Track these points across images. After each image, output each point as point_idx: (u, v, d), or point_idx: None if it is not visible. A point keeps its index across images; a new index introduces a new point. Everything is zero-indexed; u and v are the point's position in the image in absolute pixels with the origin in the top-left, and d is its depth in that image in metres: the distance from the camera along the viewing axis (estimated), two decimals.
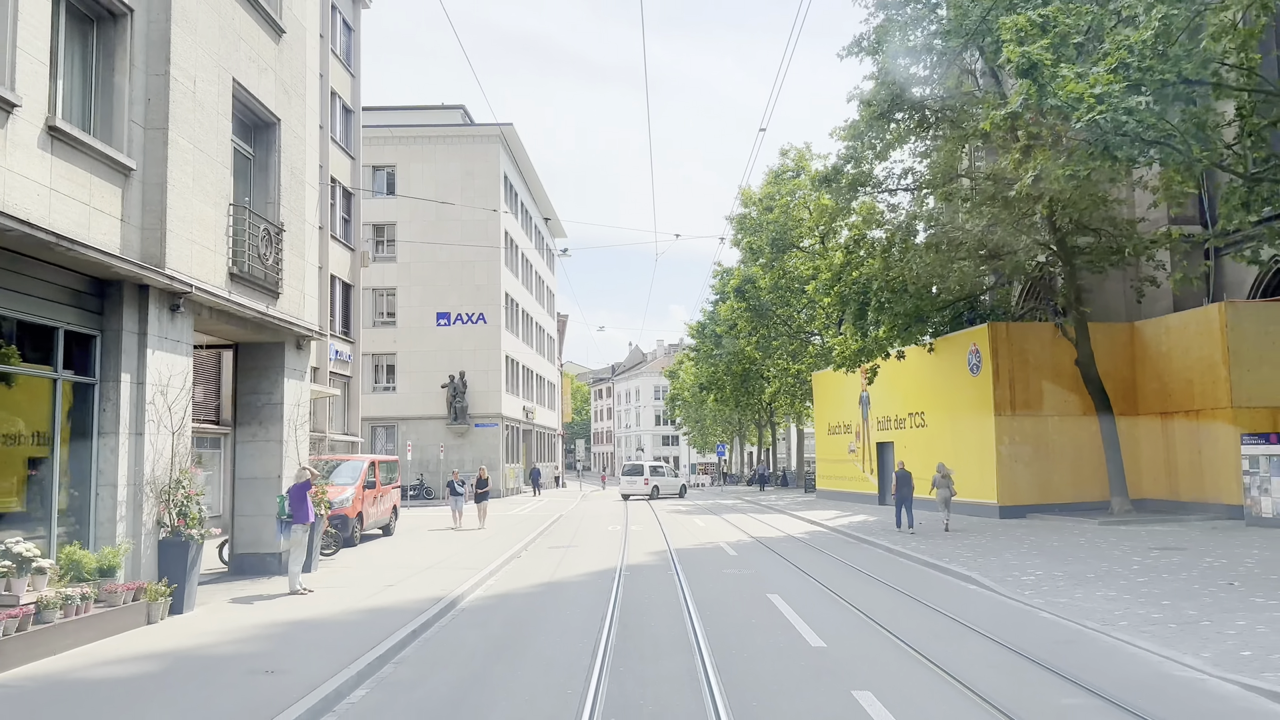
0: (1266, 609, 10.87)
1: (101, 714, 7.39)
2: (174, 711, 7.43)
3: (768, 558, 18.30)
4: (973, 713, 7.25)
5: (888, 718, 7.02)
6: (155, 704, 7.67)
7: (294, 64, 15.74)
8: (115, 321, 11.14)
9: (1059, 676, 8.25)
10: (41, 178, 9.74)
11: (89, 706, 7.56)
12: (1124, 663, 8.83)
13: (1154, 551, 16.56)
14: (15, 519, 10.05)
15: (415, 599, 12.72)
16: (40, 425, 10.43)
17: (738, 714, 7.16)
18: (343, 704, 7.89)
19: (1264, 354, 22.19)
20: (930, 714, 7.25)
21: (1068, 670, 8.42)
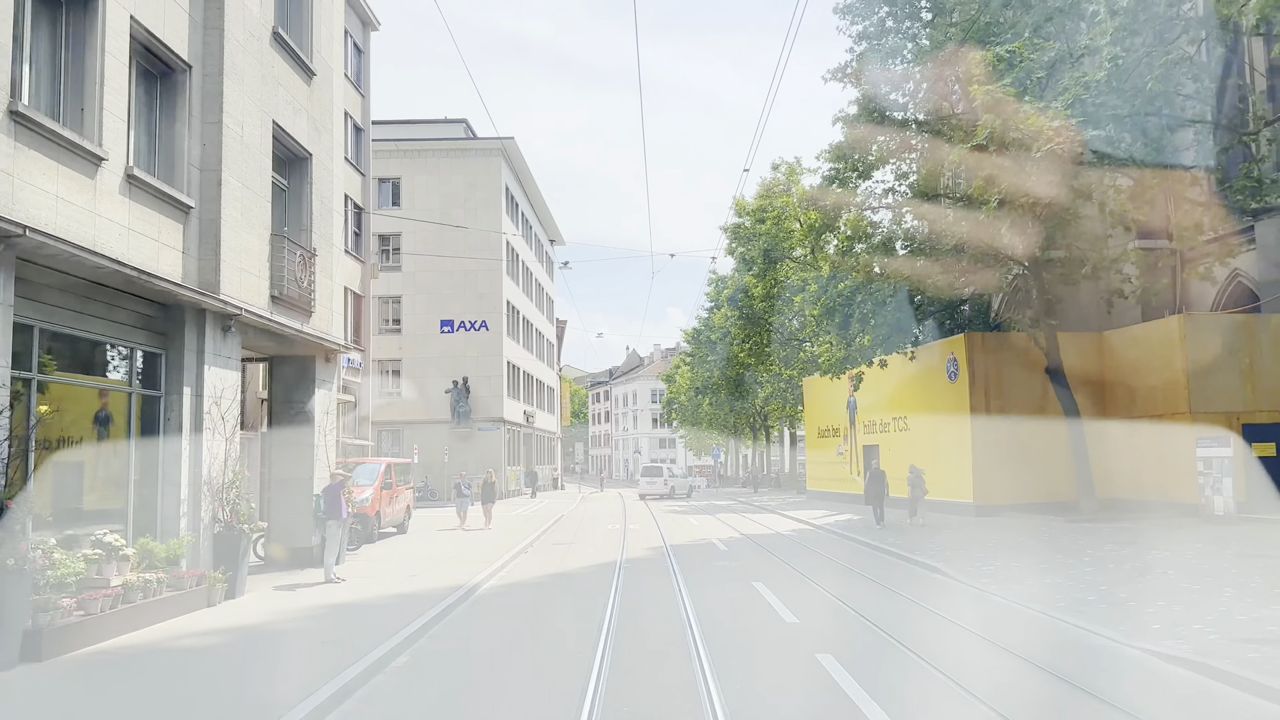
0: (1189, 593, 12.42)
1: (206, 672, 8.94)
2: (260, 670, 8.97)
3: (755, 552, 19.87)
4: (914, 668, 8.81)
5: (841, 671, 8.57)
6: (243, 665, 9.23)
7: (323, 102, 17.32)
8: (178, 341, 12.69)
9: (993, 644, 9.81)
10: (122, 219, 11.29)
11: (194, 666, 9.11)
12: (1050, 634, 10.38)
13: (1108, 546, 18.14)
14: (101, 514, 11.58)
15: (438, 586, 14.27)
16: (119, 433, 11.99)
17: (721, 674, 8.69)
18: (390, 667, 9.41)
19: (1220, 363, 23.78)
20: (877, 670, 8.81)
21: (1001, 640, 9.98)
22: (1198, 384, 23.79)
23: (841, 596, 13.23)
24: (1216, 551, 16.59)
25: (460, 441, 48.06)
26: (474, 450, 47.87)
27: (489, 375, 49.33)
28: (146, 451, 12.39)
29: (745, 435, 70.54)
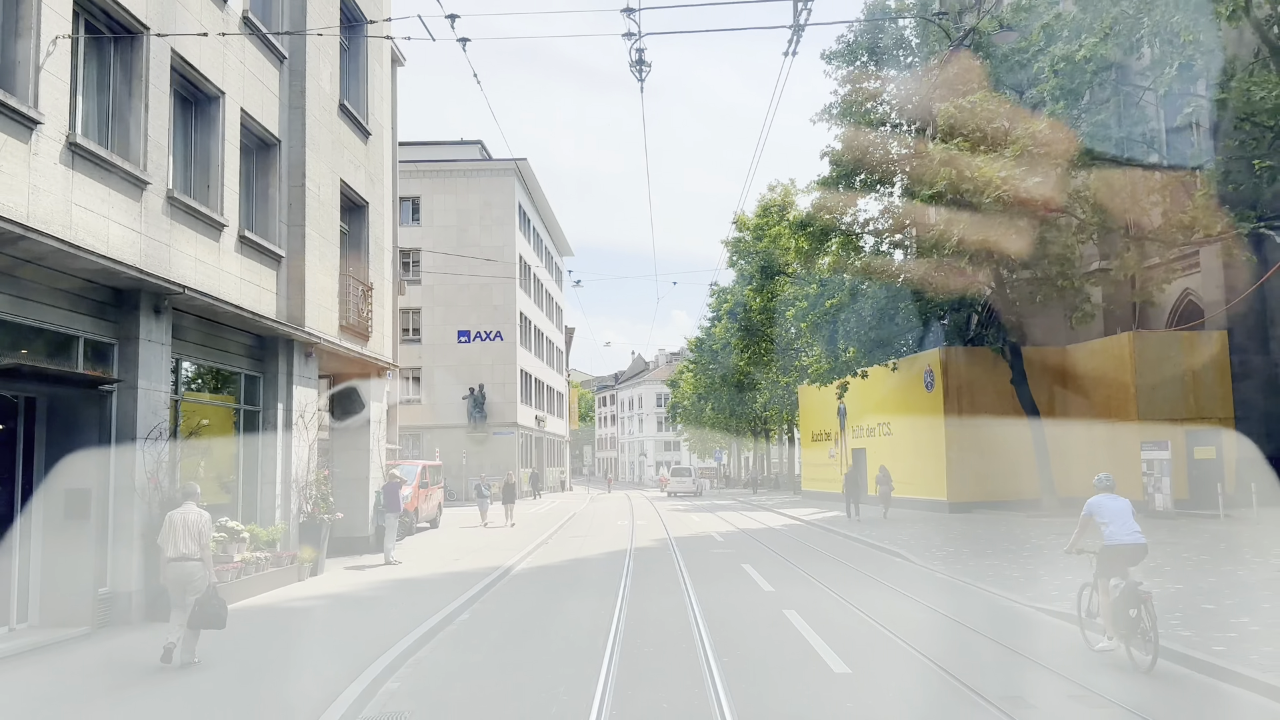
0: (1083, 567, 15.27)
1: (324, 621, 11.85)
2: (363, 621, 11.86)
3: (748, 542, 22.75)
4: (860, 622, 11.66)
5: (800, 621, 11.44)
6: (348, 618, 12.13)
7: (377, 158, 20.27)
8: (272, 366, 15.62)
9: (923, 605, 12.67)
10: (235, 271, 14.23)
11: (313, 619, 12.02)
12: (972, 599, 13.24)
13: (1051, 536, 20.97)
14: (222, 507, 14.49)
15: (479, 567, 17.17)
16: (229, 442, 14.93)
17: (711, 625, 11.55)
18: (457, 620, 12.30)
19: (1163, 375, 26.62)
20: (828, 620, 11.67)
21: (932, 603, 12.84)
22: (1145, 394, 26.63)
23: (812, 573, 16.14)
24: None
25: (476, 445, 50.99)
26: (489, 453, 50.80)
27: (503, 382, 52.27)
28: (249, 456, 15.32)
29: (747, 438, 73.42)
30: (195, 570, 9.21)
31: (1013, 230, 21.45)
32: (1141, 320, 30.94)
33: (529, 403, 57.06)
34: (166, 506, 11.63)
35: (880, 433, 34.52)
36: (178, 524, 9.31)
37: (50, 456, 10.65)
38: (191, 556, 9.23)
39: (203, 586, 9.19)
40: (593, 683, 8.44)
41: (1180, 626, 10.24)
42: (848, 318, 29.50)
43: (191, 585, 9.14)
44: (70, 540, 10.75)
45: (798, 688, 8.27)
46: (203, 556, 9.28)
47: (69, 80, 10.46)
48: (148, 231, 11.79)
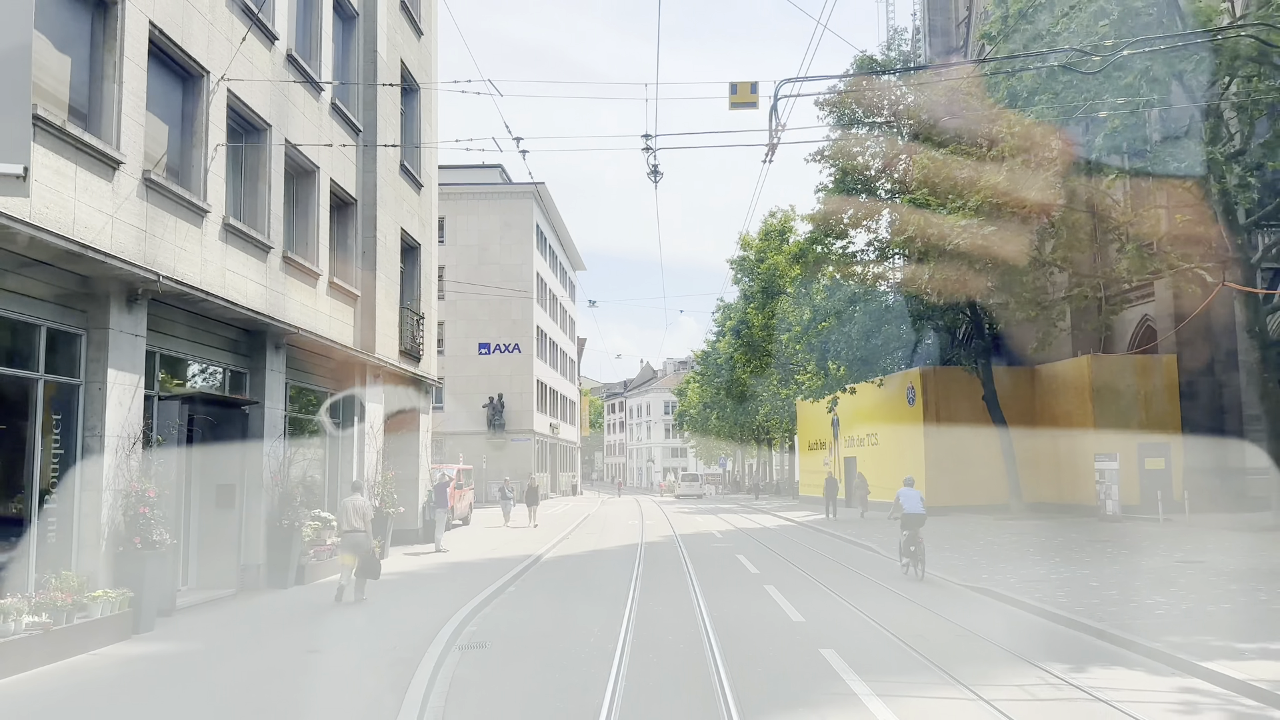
0: (1021, 561, 18.47)
1: (406, 586, 15.19)
2: (434, 590, 15.19)
3: (744, 539, 26.06)
4: (824, 592, 14.95)
5: (777, 593, 14.74)
6: (423, 587, 15.47)
7: (427, 204, 23.70)
8: (348, 385, 19.01)
9: (884, 587, 15.95)
10: (327, 310, 17.62)
11: (395, 587, 15.37)
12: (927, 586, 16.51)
13: (1006, 535, 24.21)
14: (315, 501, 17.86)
15: (515, 555, 20.50)
16: (320, 450, 18.31)
17: (706, 595, 14.84)
18: (504, 593, 15.60)
19: (1117, 394, 29.83)
20: (799, 591, 14.96)
21: (891, 584, 16.12)
22: (1101, 411, 29.85)
23: (793, 560, 19.47)
24: (1077, 539, 22.65)
25: (495, 451, 54.39)
26: (507, 459, 54.19)
27: (520, 392, 55.69)
28: (333, 460, 18.71)
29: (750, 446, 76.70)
30: (361, 539, 13.18)
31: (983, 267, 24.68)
32: (1107, 343, 34.13)
33: (544, 411, 60.46)
34: (285, 499, 15.06)
35: (869, 442, 37.80)
36: (349, 507, 13.22)
37: (205, 460, 14.04)
38: (359, 529, 13.23)
39: (367, 549, 12.77)
40: (618, 624, 11.77)
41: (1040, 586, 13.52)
42: (837, 340, 32.79)
43: (359, 549, 12.79)
44: (219, 523, 14.13)
45: (763, 630, 11.60)
46: (366, 529, 13.24)
47: (224, 175, 13.88)
48: (271, 285, 15.20)
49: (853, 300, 31.58)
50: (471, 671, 9.40)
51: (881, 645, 10.59)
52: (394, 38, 21.04)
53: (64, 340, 10.59)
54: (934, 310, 31.49)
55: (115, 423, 10.85)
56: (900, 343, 33.84)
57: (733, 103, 12.47)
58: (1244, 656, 9.08)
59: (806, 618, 12.34)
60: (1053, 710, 7.71)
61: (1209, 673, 8.63)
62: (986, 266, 25.22)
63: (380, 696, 8.02)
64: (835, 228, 32.09)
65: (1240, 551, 18.81)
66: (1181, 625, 10.72)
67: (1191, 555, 18.24)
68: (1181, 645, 9.58)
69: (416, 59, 22.95)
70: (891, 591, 14.89)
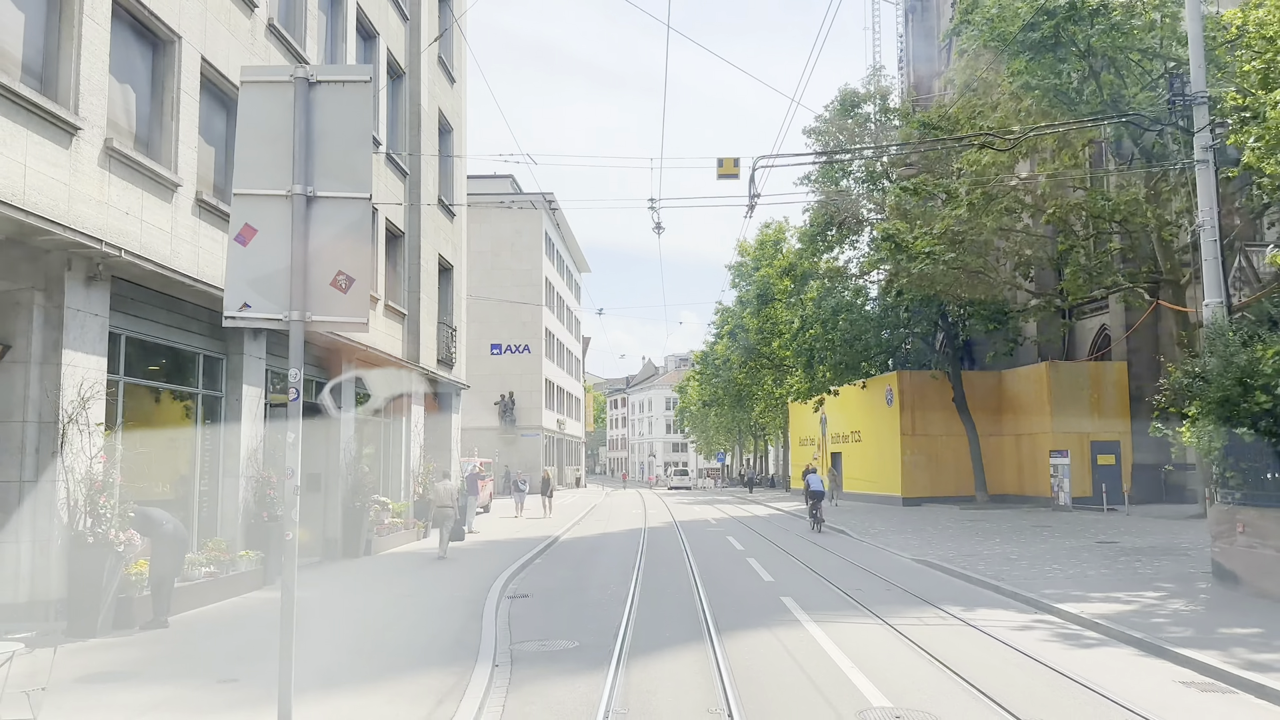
0: (969, 542, 21.88)
1: (450, 561, 18.60)
2: (475, 562, 18.58)
3: (735, 525, 29.49)
4: (795, 568, 18.34)
5: (756, 564, 18.14)
6: (466, 561, 18.88)
7: (459, 231, 27.08)
8: (399, 391, 22.41)
9: (840, 558, 19.34)
10: (382, 329, 21.02)
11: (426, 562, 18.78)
12: (876, 556, 19.90)
13: (965, 522, 27.60)
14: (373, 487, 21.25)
15: (535, 536, 23.91)
16: (378, 444, 21.72)
17: (699, 565, 18.22)
18: (534, 563, 19.00)
19: (1072, 398, 33.21)
20: (776, 563, 18.35)
21: (848, 555, 19.52)
22: (1058, 412, 33.23)
23: (773, 539, 22.91)
24: (1023, 526, 26.06)
25: (506, 445, 57.82)
26: (518, 453, 57.61)
27: (530, 390, 59.11)
28: (386, 453, 22.13)
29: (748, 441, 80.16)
30: (450, 513, 17.52)
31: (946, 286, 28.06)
32: (1070, 349, 37.50)
33: (552, 408, 63.89)
34: (356, 485, 18.48)
35: (853, 439, 41.23)
36: (441, 489, 17.56)
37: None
38: (448, 505, 17.51)
39: (453, 520, 17.01)
40: (628, 583, 15.19)
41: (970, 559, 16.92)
42: (822, 346, 36.20)
43: (448, 521, 17.18)
44: (308, 504, 17.55)
45: (742, 586, 15.02)
46: (454, 505, 17.45)
47: None
48: None
49: (836, 311, 34.98)
50: (521, 610, 12.81)
51: (828, 595, 14.01)
52: (433, 89, 24.40)
53: (210, 363, 14.00)
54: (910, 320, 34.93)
55: (247, 425, 14.27)
56: (880, 349, 37.23)
57: (719, 174, 15.86)
58: (1089, 601, 12.48)
59: (776, 579, 15.77)
60: (933, 630, 11.11)
61: (1058, 610, 12.02)
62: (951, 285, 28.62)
63: (465, 622, 11.42)
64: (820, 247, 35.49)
65: (1155, 535, 22.18)
66: (1061, 584, 14.13)
67: (1112, 538, 21.60)
68: (1050, 595, 12.98)
69: (451, 105, 26.33)
70: (848, 562, 18.30)
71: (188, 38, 12.72)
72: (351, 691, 7.87)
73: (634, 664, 9.28)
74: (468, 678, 8.33)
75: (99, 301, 10.69)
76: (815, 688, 8.29)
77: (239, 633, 10.81)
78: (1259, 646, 9.46)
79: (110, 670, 8.51)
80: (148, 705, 7.42)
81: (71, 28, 10.40)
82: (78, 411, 10.12)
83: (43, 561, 9.84)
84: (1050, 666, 9.04)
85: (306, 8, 16.86)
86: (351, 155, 6.49)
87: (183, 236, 12.50)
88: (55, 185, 9.91)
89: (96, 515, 10.12)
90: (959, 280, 29.02)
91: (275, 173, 6.37)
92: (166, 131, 12.32)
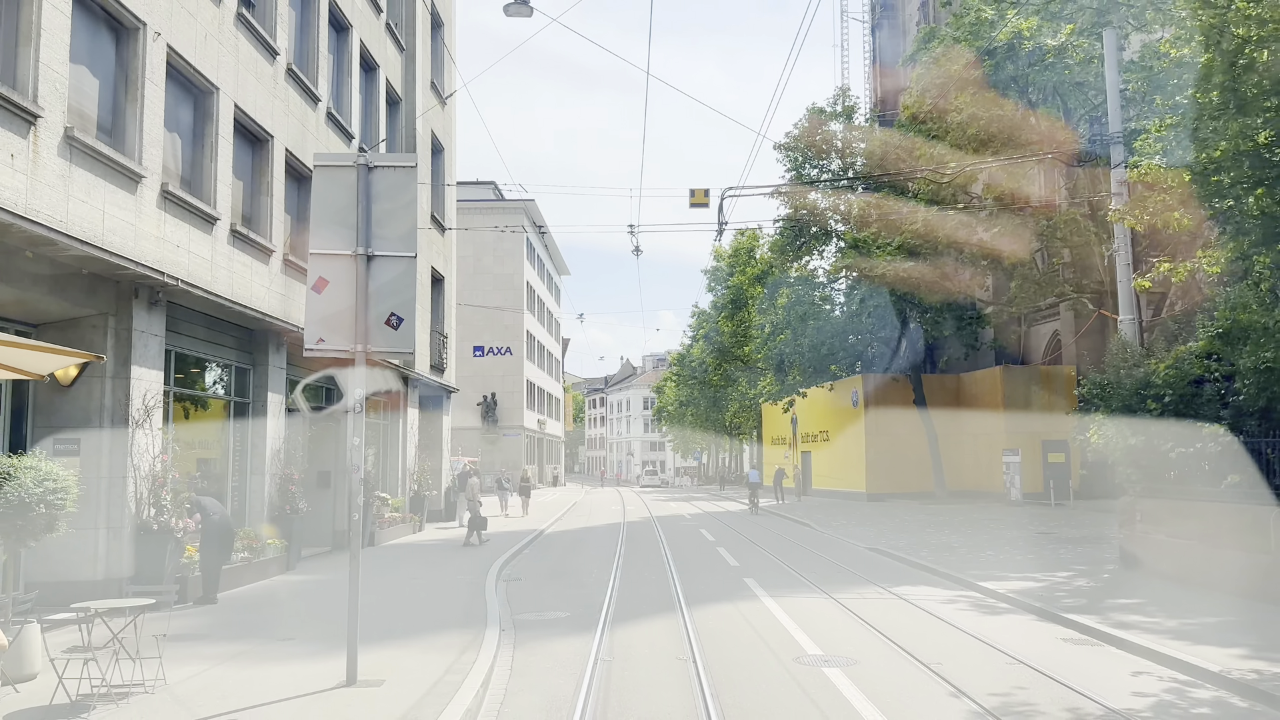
0: (922, 533, 23.91)
1: (446, 550, 20.42)
2: (468, 552, 20.42)
3: (708, 519, 31.46)
4: (760, 555, 20.29)
5: (726, 553, 20.08)
6: (459, 551, 20.71)
7: (448, 244, 28.88)
8: (396, 395, 24.18)
9: (807, 550, 21.32)
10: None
11: (437, 550, 20.60)
12: (833, 543, 21.90)
13: (920, 515, 29.68)
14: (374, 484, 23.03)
15: (522, 530, 25.75)
16: (379, 442, 23.50)
17: (674, 554, 20.14)
18: (523, 553, 20.84)
19: (1025, 401, 35.42)
20: (742, 550, 20.29)
21: (805, 542, 21.51)
22: (1011, 413, 35.43)
23: (741, 530, 24.92)
24: (976, 518, 28.18)
25: (489, 445, 59.55)
26: (500, 452, 59.35)
27: (511, 391, 60.87)
28: (386, 451, 23.90)
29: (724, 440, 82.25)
30: (477, 507, 19.87)
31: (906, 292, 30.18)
32: (1026, 353, 39.76)
33: (533, 408, 65.67)
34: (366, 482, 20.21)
35: (821, 439, 43.35)
36: (472, 485, 19.49)
37: (313, 451, 19.21)
38: (477, 500, 19.73)
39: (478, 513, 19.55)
40: (609, 568, 17.09)
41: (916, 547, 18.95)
42: (791, 351, 38.26)
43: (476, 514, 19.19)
44: (320, 498, 19.32)
45: (711, 568, 16.96)
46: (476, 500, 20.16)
47: None
48: None
49: (804, 318, 37.06)
50: (517, 590, 14.68)
51: (786, 577, 15.99)
52: (427, 113, 26.18)
53: (240, 373, 15.77)
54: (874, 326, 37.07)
55: (271, 427, 16.05)
56: (846, 353, 39.33)
57: (691, 204, 17.80)
58: (1008, 580, 14.49)
59: (741, 564, 17.73)
60: (869, 603, 13.07)
61: (980, 587, 14.03)
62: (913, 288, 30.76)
63: (470, 599, 13.28)
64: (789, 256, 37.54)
65: (1091, 527, 24.32)
66: (989, 567, 16.15)
67: (1052, 529, 23.73)
68: (975, 575, 14.99)
69: (442, 125, 28.11)
70: (809, 551, 20.31)
71: (224, 89, 14.49)
72: (390, 646, 9.73)
73: (617, 628, 11.18)
74: (481, 636, 10.20)
75: (158, 323, 12.47)
76: (764, 642, 10.23)
77: (279, 607, 12.63)
78: (1131, 611, 11.50)
79: (185, 633, 10.29)
80: (229, 655, 9.25)
81: (137, 89, 12.18)
82: (143, 418, 11.90)
83: (116, 545, 11.62)
84: (959, 628, 11.03)
85: (318, 50, 18.61)
86: (400, 222, 8.40)
87: (220, 263, 14.28)
88: (125, 226, 11.68)
89: (159, 506, 11.91)
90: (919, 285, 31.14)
91: (342, 237, 8.24)
92: (207, 172, 14.09)
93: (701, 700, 7.77)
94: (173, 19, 12.97)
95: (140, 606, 7.86)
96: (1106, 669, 8.97)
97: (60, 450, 11.21)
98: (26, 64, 10.12)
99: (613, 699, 7.93)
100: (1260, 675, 8.16)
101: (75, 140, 10.74)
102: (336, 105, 19.98)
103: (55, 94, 10.48)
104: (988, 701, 7.67)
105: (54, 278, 10.77)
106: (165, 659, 8.09)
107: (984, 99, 22.92)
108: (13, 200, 9.63)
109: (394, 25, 24.24)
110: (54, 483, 8.34)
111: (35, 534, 8.35)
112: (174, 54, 13.06)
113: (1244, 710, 7.56)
